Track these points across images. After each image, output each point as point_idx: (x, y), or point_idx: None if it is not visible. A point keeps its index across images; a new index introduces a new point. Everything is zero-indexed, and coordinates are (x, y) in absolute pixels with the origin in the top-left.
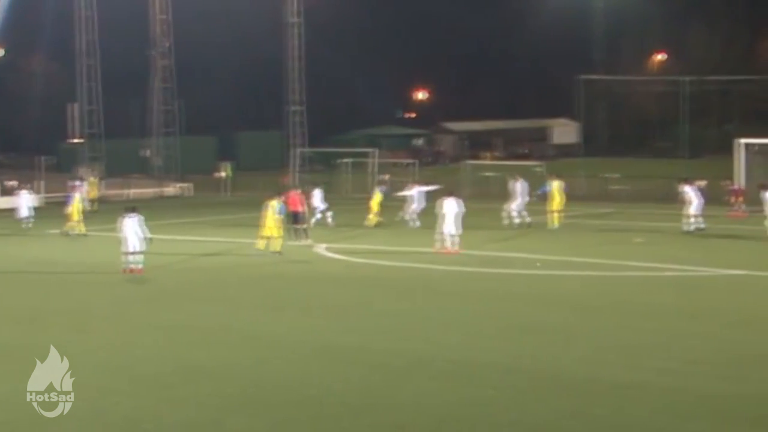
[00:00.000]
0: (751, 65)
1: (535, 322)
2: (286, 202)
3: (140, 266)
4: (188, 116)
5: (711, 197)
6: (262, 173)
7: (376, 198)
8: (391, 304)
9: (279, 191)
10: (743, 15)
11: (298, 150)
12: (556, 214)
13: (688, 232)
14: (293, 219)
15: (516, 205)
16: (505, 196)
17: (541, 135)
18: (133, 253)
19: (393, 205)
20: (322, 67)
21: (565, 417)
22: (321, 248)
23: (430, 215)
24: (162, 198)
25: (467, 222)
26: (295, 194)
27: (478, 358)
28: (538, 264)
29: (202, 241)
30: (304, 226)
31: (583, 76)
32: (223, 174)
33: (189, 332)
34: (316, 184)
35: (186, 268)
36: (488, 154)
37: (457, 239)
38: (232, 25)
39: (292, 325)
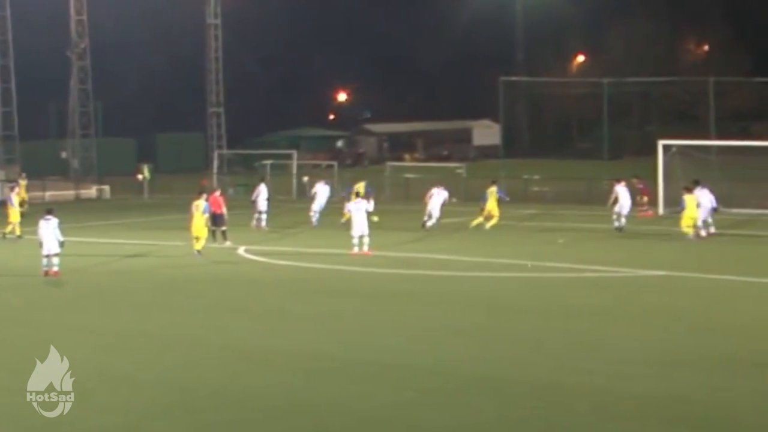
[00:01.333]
0: (671, 66)
1: (458, 324)
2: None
3: (57, 269)
4: (107, 118)
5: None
6: (182, 175)
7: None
8: (312, 306)
9: (203, 191)
10: (663, 16)
11: (218, 152)
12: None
13: (619, 229)
14: (213, 221)
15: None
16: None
17: (463, 136)
18: (48, 256)
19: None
20: (243, 69)
21: (487, 418)
22: (241, 250)
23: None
24: (80, 200)
25: (387, 223)
26: (216, 196)
27: (400, 361)
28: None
29: (121, 244)
30: (224, 228)
31: (504, 78)
32: (141, 176)
33: (106, 336)
34: (262, 179)
35: (104, 271)
36: (409, 156)
37: (366, 239)
38: (151, 26)
39: (212, 328)
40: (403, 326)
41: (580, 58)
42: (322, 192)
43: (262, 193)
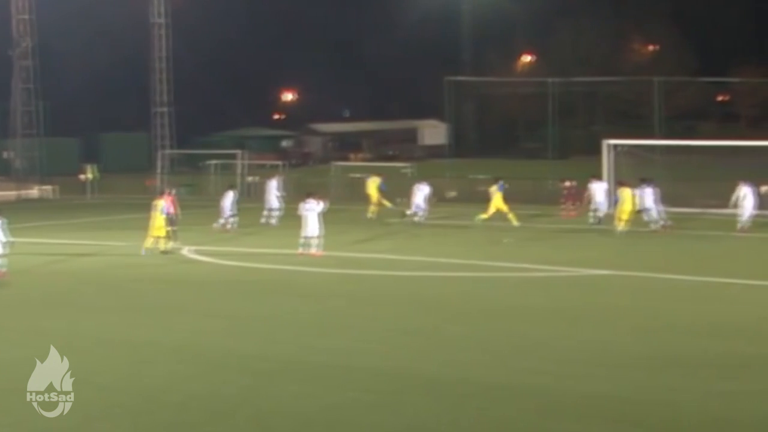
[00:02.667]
0: (617, 66)
1: (404, 325)
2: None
3: (4, 270)
4: (51, 117)
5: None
6: (128, 175)
7: None
8: (259, 307)
9: (162, 191)
10: (609, 16)
11: (165, 152)
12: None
13: (596, 224)
14: (167, 221)
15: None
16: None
17: (410, 136)
18: None
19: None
20: (189, 68)
21: (430, 419)
22: (188, 250)
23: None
24: (24, 200)
25: (334, 224)
26: (168, 196)
27: (345, 362)
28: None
29: (66, 244)
30: (174, 228)
31: (451, 78)
32: (86, 176)
33: (51, 338)
34: (231, 186)
35: (50, 272)
36: (355, 156)
37: (315, 241)
38: (97, 26)
39: (156, 329)
40: (349, 327)
41: (527, 58)
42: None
43: (229, 197)
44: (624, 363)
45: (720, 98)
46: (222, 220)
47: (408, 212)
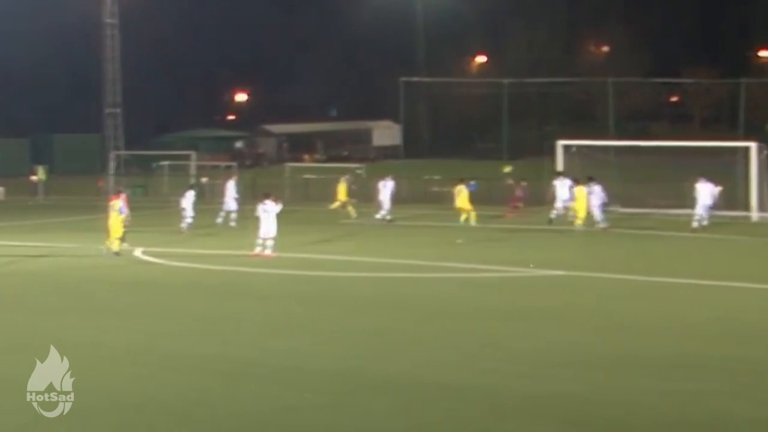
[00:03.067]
0: (571, 67)
1: (359, 326)
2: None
3: None
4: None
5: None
6: (79, 176)
7: None
8: (213, 308)
9: (118, 191)
10: (562, 17)
11: (115, 153)
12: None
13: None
14: None
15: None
16: (327, 197)
17: (363, 137)
18: None
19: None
20: (141, 69)
21: (386, 420)
22: (142, 252)
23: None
24: None
25: (289, 225)
26: (121, 196)
27: (301, 363)
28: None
29: (16, 246)
30: (125, 229)
31: (404, 78)
32: (36, 177)
33: (2, 339)
34: (191, 187)
35: (1, 274)
36: (309, 156)
37: (271, 242)
38: (47, 26)
39: (109, 331)
40: (304, 328)
41: (481, 59)
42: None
43: (188, 198)
44: (581, 363)
45: (673, 99)
46: (188, 221)
47: (378, 215)
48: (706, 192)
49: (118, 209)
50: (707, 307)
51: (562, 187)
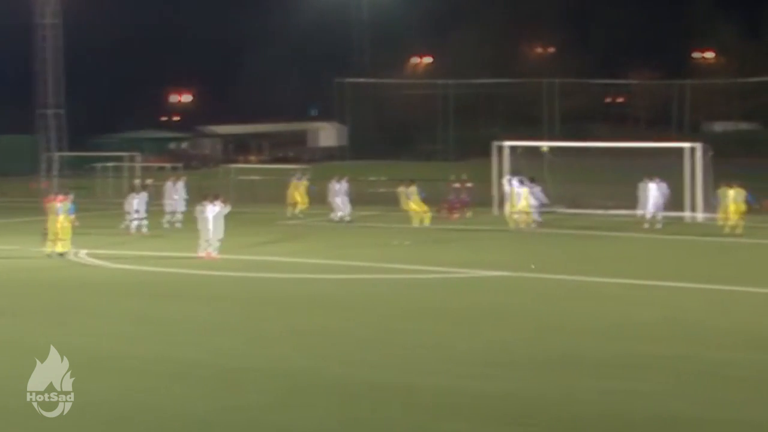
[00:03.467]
0: (514, 68)
1: (302, 327)
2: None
3: None
4: None
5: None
6: (15, 178)
7: None
8: (156, 309)
9: (66, 193)
10: (505, 18)
11: (53, 154)
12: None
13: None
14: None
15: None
16: (272, 198)
17: (305, 138)
18: None
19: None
20: (81, 70)
21: (327, 419)
22: (81, 254)
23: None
24: None
25: (232, 227)
26: (62, 198)
27: (243, 363)
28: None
29: None
30: None
31: (348, 79)
32: None
33: None
34: (143, 188)
35: None
36: (252, 158)
37: (218, 243)
38: None
39: (52, 333)
40: (247, 329)
41: (425, 60)
42: (175, 191)
43: (141, 199)
44: (521, 363)
45: (616, 100)
46: (136, 222)
47: (335, 216)
48: (658, 192)
49: (66, 210)
50: (650, 307)
51: (517, 189)
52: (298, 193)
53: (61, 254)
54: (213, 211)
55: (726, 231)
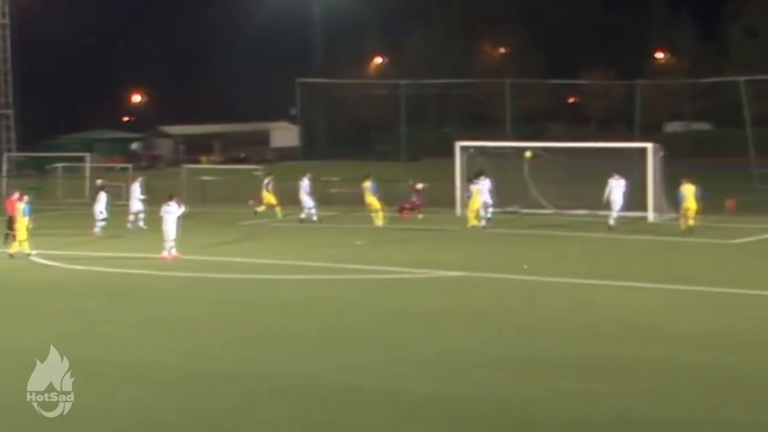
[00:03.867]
0: (468, 68)
1: (261, 329)
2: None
3: None
4: None
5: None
6: None
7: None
8: (108, 311)
9: (22, 194)
10: (459, 20)
11: (7, 155)
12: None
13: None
14: (9, 224)
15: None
16: (224, 199)
17: (261, 138)
18: None
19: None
20: (34, 70)
21: (285, 421)
22: (38, 255)
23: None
24: None
25: (187, 227)
26: (14, 200)
27: (199, 366)
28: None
29: None
30: (14, 232)
31: (302, 80)
32: None
33: None
34: (101, 188)
35: None
36: (206, 158)
37: (170, 243)
38: None
39: (4, 334)
40: (201, 331)
41: (379, 60)
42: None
43: (100, 200)
44: (478, 364)
45: (570, 100)
46: (102, 223)
47: (302, 215)
48: (620, 190)
49: (22, 212)
50: (607, 307)
51: (484, 189)
52: (269, 194)
53: (27, 254)
54: (167, 212)
55: (683, 229)
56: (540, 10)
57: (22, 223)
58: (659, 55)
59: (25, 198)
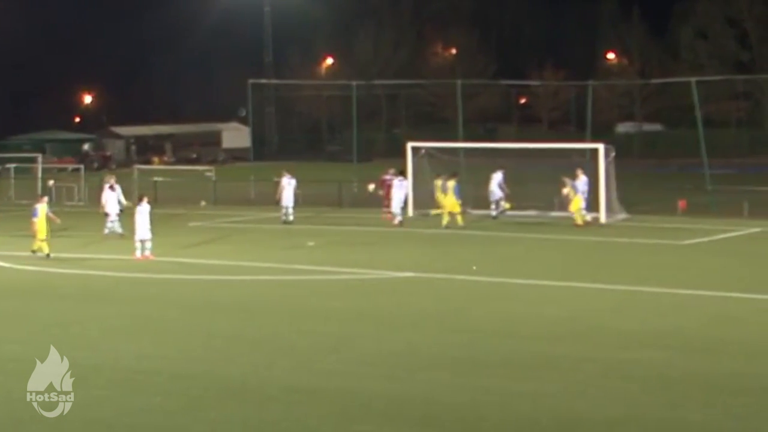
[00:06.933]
0: (418, 69)
1: (209, 329)
2: None
3: None
4: None
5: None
6: None
7: None
8: (60, 313)
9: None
10: (408, 21)
11: None
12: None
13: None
14: None
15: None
16: (176, 200)
17: (212, 139)
18: None
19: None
20: None
21: (235, 422)
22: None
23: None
24: None
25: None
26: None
27: (149, 366)
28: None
29: None
30: None
31: (253, 80)
32: None
33: None
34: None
35: None
36: (158, 159)
37: (149, 244)
38: None
39: None
40: (152, 331)
41: (329, 61)
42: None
43: (110, 199)
44: (428, 364)
45: (521, 101)
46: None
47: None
48: (584, 186)
49: (42, 212)
50: (555, 307)
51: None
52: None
53: (46, 255)
54: (140, 212)
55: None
56: (490, 10)
57: (43, 224)
58: (610, 55)
59: (45, 199)
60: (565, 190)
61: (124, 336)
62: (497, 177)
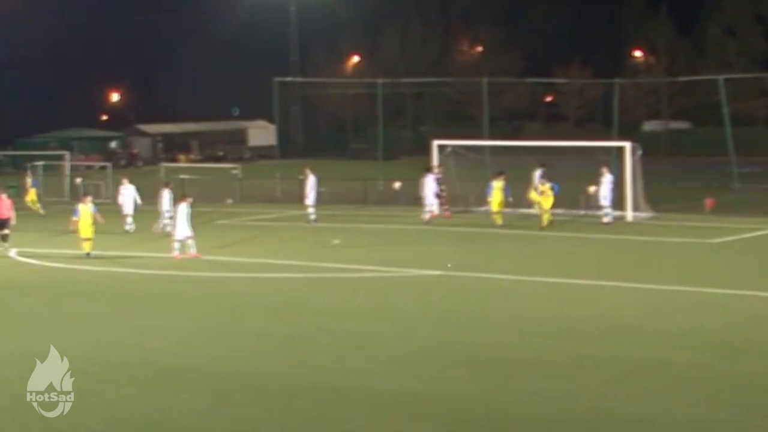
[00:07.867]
0: (445, 67)
1: (237, 327)
2: None
3: None
4: None
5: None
6: None
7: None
8: (87, 308)
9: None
10: (435, 19)
11: None
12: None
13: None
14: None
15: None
16: (203, 198)
17: (238, 137)
18: None
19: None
20: (12, 69)
21: (261, 419)
22: (13, 252)
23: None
24: None
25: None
26: (3, 199)
27: (177, 363)
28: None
29: None
30: (6, 231)
31: (278, 78)
32: None
33: None
34: (166, 185)
35: None
36: (184, 157)
37: (191, 241)
38: None
39: None
40: (181, 329)
41: (355, 59)
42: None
43: (165, 197)
44: (454, 363)
45: (547, 99)
46: (163, 222)
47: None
48: (608, 184)
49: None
50: (582, 306)
51: (431, 184)
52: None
53: (87, 254)
54: (181, 211)
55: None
56: (515, 8)
57: (86, 222)
58: (637, 53)
59: (88, 198)
60: (592, 189)
61: (153, 334)
62: (537, 174)
